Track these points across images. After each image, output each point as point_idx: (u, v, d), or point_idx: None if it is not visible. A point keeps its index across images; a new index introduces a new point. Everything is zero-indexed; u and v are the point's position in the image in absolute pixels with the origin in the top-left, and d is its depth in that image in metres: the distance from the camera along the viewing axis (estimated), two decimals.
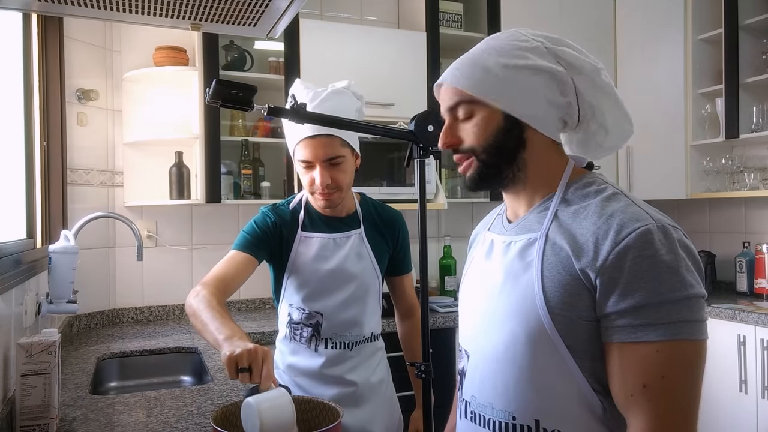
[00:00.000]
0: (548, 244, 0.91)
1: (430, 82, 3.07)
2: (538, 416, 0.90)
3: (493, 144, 0.95)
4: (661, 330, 0.80)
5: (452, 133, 1.00)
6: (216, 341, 1.21)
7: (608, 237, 0.84)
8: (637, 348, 0.82)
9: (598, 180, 0.97)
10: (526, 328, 0.89)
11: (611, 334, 0.84)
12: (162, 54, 2.77)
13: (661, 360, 0.80)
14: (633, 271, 0.82)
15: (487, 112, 0.95)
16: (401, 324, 1.85)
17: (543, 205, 0.97)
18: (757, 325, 2.52)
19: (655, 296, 0.81)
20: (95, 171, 2.76)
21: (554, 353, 0.88)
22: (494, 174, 0.97)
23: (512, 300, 0.93)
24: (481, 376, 0.97)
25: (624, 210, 0.87)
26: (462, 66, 0.99)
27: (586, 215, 0.90)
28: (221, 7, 1.33)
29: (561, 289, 0.87)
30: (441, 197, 2.96)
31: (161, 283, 2.91)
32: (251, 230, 1.62)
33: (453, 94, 0.98)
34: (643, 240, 0.82)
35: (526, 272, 0.92)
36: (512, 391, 0.92)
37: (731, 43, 2.93)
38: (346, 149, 1.58)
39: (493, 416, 0.95)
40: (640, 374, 0.81)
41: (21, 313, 1.58)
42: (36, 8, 1.55)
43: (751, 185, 3.04)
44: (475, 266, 1.08)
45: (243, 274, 1.55)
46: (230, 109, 1.85)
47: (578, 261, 0.86)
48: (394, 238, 1.74)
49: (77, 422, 1.44)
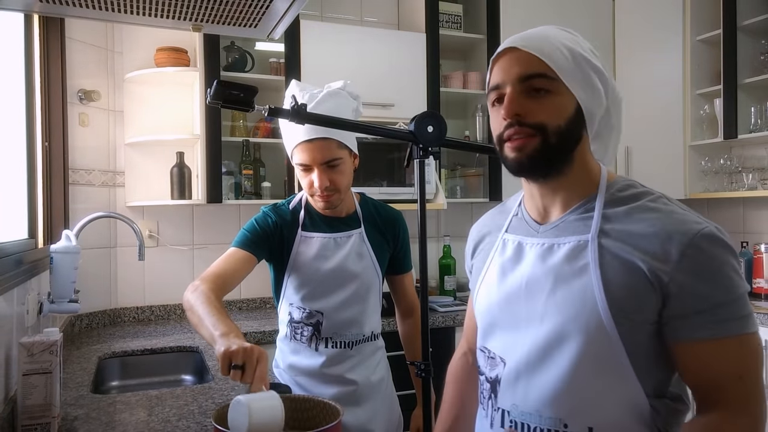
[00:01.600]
0: (605, 247, 0.89)
1: (430, 82, 3.08)
2: (592, 423, 0.88)
3: (564, 130, 0.92)
4: (739, 323, 0.85)
5: (520, 102, 0.92)
6: (212, 336, 1.20)
7: (674, 238, 0.85)
8: (722, 343, 0.85)
9: (634, 182, 0.98)
10: (585, 333, 0.88)
11: (689, 331, 0.85)
12: (163, 55, 2.78)
13: (745, 352, 0.85)
14: (706, 271, 0.84)
15: (565, 96, 0.93)
16: (401, 323, 1.86)
17: (583, 207, 0.95)
18: None
19: (729, 294, 0.84)
20: (97, 171, 2.77)
21: (610, 358, 0.87)
22: (552, 159, 0.93)
23: (567, 304, 0.90)
24: (525, 383, 0.94)
25: (679, 212, 0.90)
26: (543, 40, 0.94)
27: (640, 216, 0.90)
28: (222, 8, 1.34)
29: (627, 292, 0.86)
30: (440, 197, 2.96)
31: (162, 283, 2.92)
32: (252, 228, 1.63)
33: (535, 63, 0.92)
34: (709, 240, 0.85)
35: (581, 276, 0.89)
36: (564, 397, 0.89)
37: (730, 44, 2.94)
38: (343, 151, 1.59)
39: (540, 424, 0.91)
40: (732, 366, 0.85)
41: (23, 312, 1.59)
42: (37, 9, 1.55)
43: (750, 185, 3.04)
44: (499, 270, 1.02)
45: (242, 272, 1.55)
46: (231, 109, 1.86)
47: (646, 263, 0.86)
48: (394, 237, 1.75)
49: (79, 421, 1.44)
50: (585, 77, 0.93)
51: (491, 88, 0.97)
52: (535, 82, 0.92)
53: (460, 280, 3.32)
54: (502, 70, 0.95)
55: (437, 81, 3.11)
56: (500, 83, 0.95)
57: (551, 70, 0.92)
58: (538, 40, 0.94)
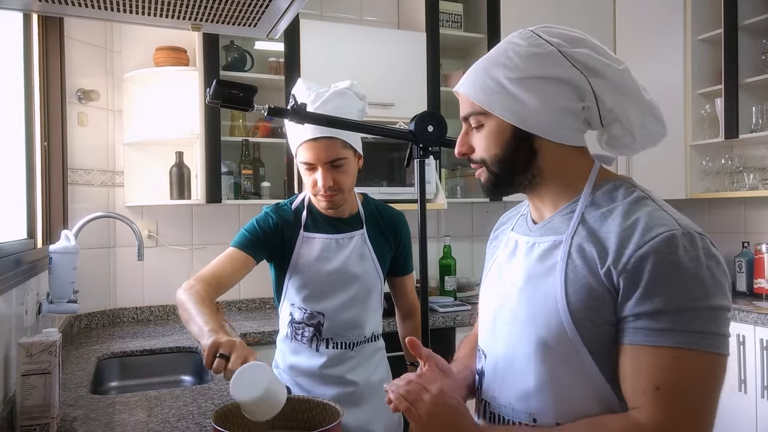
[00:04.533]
0: (573, 248, 0.90)
1: (430, 82, 3.07)
2: (560, 419, 0.89)
3: (503, 156, 0.95)
4: (680, 337, 0.80)
5: (466, 141, 1.00)
6: (201, 331, 1.21)
7: (632, 240, 0.83)
8: (654, 351, 0.81)
9: (627, 183, 0.95)
10: (547, 332, 0.89)
11: (628, 335, 0.84)
12: (162, 54, 2.77)
13: (677, 367, 0.80)
14: (654, 275, 0.81)
15: (496, 124, 0.95)
16: (402, 324, 1.85)
17: (569, 208, 0.95)
18: (757, 325, 2.52)
19: (676, 302, 0.80)
20: (96, 171, 2.76)
21: (575, 357, 0.87)
22: (506, 183, 0.98)
23: (533, 304, 0.91)
24: (500, 377, 0.97)
25: (650, 214, 0.86)
26: (474, 75, 0.98)
27: (613, 218, 0.88)
28: (221, 7, 1.33)
29: (586, 293, 0.86)
30: (441, 197, 2.96)
31: (162, 283, 2.91)
32: (252, 229, 1.62)
33: (466, 103, 0.98)
34: (668, 245, 0.81)
35: (549, 276, 0.91)
36: (533, 394, 0.91)
37: (731, 44, 2.93)
38: (348, 151, 1.58)
39: (513, 417, 0.94)
40: (654, 377, 0.81)
41: (22, 312, 1.59)
42: (36, 8, 1.55)
43: (751, 185, 3.04)
44: (497, 266, 1.06)
45: (239, 273, 1.55)
46: (231, 109, 1.86)
47: (602, 263, 0.85)
48: (396, 238, 1.74)
49: (78, 422, 1.44)
50: (515, 96, 0.93)
51: None
52: (470, 122, 0.99)
53: (460, 281, 3.31)
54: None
55: (437, 80, 3.11)
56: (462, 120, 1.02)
57: (478, 106, 0.96)
58: (468, 79, 0.99)
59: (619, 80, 0.94)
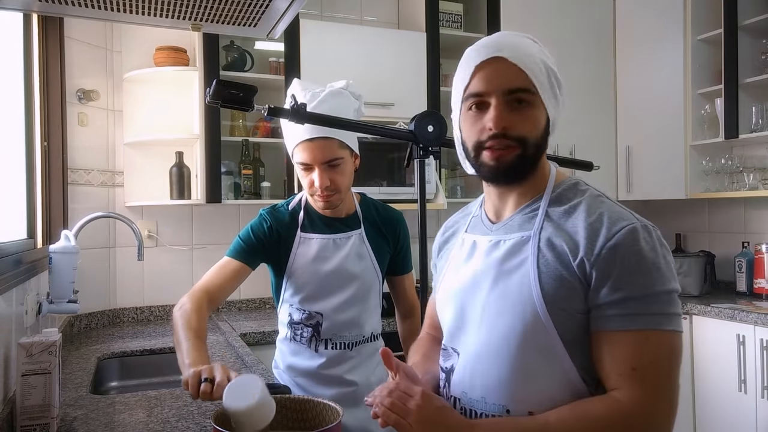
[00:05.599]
0: (542, 242, 0.95)
1: (430, 82, 3.07)
2: (533, 408, 0.92)
3: (540, 141, 0.99)
4: (648, 319, 0.88)
5: (506, 116, 0.96)
6: (182, 364, 1.26)
7: (600, 233, 0.90)
8: (627, 335, 0.88)
9: (581, 182, 1.03)
10: (522, 322, 0.93)
11: (603, 322, 0.90)
12: (162, 54, 2.77)
13: (650, 347, 0.88)
14: (622, 266, 0.88)
15: (540, 109, 0.99)
16: (402, 324, 1.85)
17: (530, 207, 1.01)
18: (757, 325, 2.52)
19: (643, 289, 0.88)
20: (96, 171, 2.77)
21: (548, 346, 0.92)
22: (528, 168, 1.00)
23: (506, 296, 0.95)
24: (471, 372, 0.99)
25: (611, 209, 0.94)
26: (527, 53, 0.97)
27: (577, 214, 0.95)
28: (221, 7, 1.33)
29: (558, 283, 0.91)
30: (441, 197, 2.96)
31: (162, 283, 2.91)
32: (246, 237, 1.62)
33: (520, 77, 0.96)
34: (631, 237, 0.90)
35: (520, 269, 0.95)
36: (506, 385, 0.94)
37: (730, 44, 2.93)
38: (344, 151, 1.58)
39: (485, 410, 0.97)
40: (630, 358, 0.87)
41: (22, 312, 1.58)
42: (36, 9, 1.55)
43: (751, 185, 3.04)
44: (455, 267, 1.09)
45: (234, 283, 1.58)
46: (230, 109, 1.86)
47: (574, 256, 0.91)
48: (394, 238, 1.74)
49: (78, 422, 1.44)
50: (554, 91, 1.00)
51: (471, 94, 0.99)
52: (518, 96, 0.96)
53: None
54: (486, 79, 0.97)
55: (437, 80, 3.11)
56: (484, 92, 0.97)
57: (533, 84, 0.96)
58: (521, 53, 0.97)
59: None
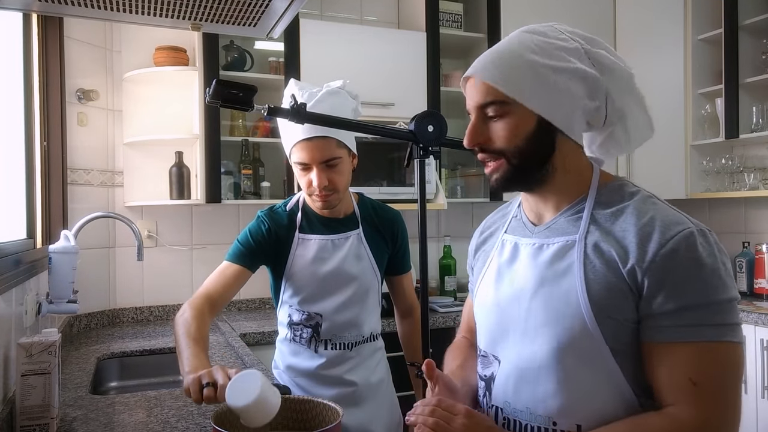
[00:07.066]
0: (589, 248, 0.90)
1: (430, 82, 3.07)
2: (581, 421, 0.89)
3: (525, 148, 0.92)
4: (710, 331, 0.83)
5: (480, 131, 0.94)
6: (183, 372, 1.26)
7: (653, 238, 0.85)
8: (686, 347, 0.83)
9: (628, 183, 0.97)
10: (570, 333, 0.88)
11: (658, 333, 0.85)
12: (162, 54, 2.77)
13: (711, 360, 0.83)
14: (679, 273, 0.83)
15: (520, 114, 0.92)
16: (401, 323, 1.85)
17: (574, 209, 0.95)
18: (757, 325, 2.52)
19: (702, 298, 0.83)
20: (95, 171, 2.76)
21: (597, 357, 0.87)
22: (523, 177, 0.95)
23: (552, 303, 0.91)
24: (516, 381, 0.95)
25: (664, 212, 0.88)
26: (497, 61, 0.93)
27: (625, 217, 0.89)
28: (221, 7, 1.33)
29: (607, 292, 0.87)
30: (441, 197, 2.96)
31: (161, 283, 2.91)
32: (245, 241, 1.62)
33: (485, 91, 0.93)
34: (688, 243, 0.84)
35: (566, 276, 0.90)
36: (553, 396, 0.90)
37: (731, 43, 2.93)
38: (342, 150, 1.58)
39: (531, 422, 0.93)
40: (690, 372, 0.83)
41: (21, 313, 1.58)
42: (36, 8, 1.55)
43: (751, 185, 3.03)
44: (496, 269, 1.04)
45: (234, 287, 1.58)
46: (230, 109, 1.86)
47: (624, 262, 0.86)
48: (393, 237, 1.74)
49: (77, 422, 1.44)
50: (547, 86, 0.91)
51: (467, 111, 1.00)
52: (488, 109, 0.93)
53: (460, 281, 3.31)
54: (467, 96, 0.98)
55: (437, 80, 3.11)
56: (468, 110, 0.98)
57: (501, 94, 0.91)
58: (486, 63, 0.94)
59: (629, 81, 0.96)
